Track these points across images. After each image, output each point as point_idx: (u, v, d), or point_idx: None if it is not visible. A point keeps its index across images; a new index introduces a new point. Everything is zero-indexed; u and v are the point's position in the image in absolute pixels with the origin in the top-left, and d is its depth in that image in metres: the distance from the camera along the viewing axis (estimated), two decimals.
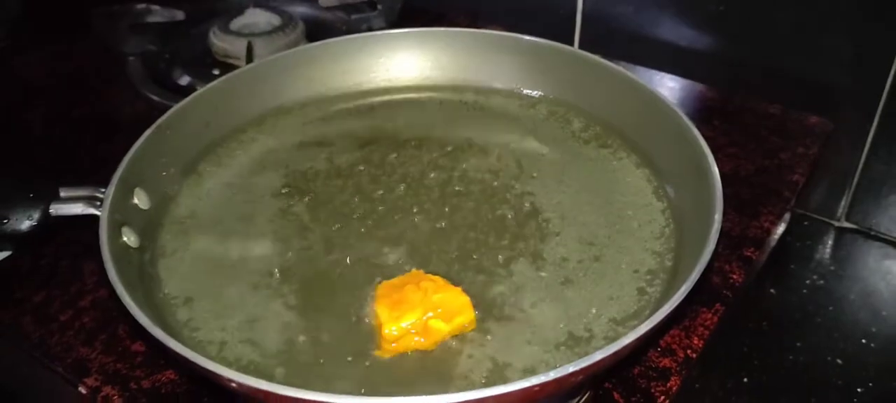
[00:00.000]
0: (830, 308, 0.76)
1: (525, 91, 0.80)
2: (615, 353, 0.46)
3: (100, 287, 0.71)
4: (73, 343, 0.66)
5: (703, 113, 0.88)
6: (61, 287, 0.71)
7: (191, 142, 0.72)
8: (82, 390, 0.62)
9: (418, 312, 0.55)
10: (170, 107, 0.70)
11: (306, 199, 0.69)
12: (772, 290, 0.78)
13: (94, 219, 0.58)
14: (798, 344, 0.72)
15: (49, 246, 0.75)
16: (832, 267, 0.82)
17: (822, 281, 0.79)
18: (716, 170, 0.58)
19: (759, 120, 0.87)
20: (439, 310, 0.55)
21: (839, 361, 0.70)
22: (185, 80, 0.98)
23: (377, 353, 0.54)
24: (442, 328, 0.55)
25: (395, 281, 0.59)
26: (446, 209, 0.66)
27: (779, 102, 0.88)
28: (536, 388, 0.44)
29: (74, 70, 1.08)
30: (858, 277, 0.81)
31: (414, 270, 0.60)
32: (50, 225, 0.62)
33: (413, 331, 0.55)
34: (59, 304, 0.70)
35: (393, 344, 0.55)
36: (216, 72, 0.96)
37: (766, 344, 0.72)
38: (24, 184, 0.62)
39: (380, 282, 0.59)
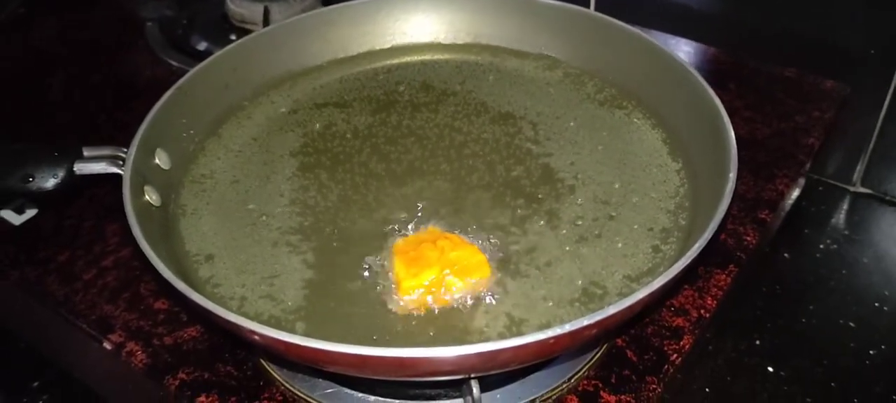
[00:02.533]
0: (844, 272, 0.76)
1: (540, 53, 0.80)
2: (629, 308, 0.46)
3: (122, 247, 0.72)
4: (97, 301, 0.67)
5: (718, 76, 0.88)
6: (85, 247, 0.73)
7: (210, 103, 0.73)
8: (107, 346, 0.64)
9: (435, 270, 0.56)
10: (187, 71, 0.71)
11: (324, 159, 0.70)
12: (786, 254, 0.78)
13: (117, 179, 0.59)
14: (811, 308, 0.72)
15: (72, 207, 0.77)
16: (846, 232, 0.82)
17: (835, 246, 0.79)
18: (730, 128, 0.58)
19: (775, 83, 0.86)
20: (455, 268, 0.56)
21: (852, 324, 0.71)
22: (202, 46, 0.99)
23: (395, 309, 0.56)
24: (458, 285, 0.56)
25: (411, 238, 0.60)
26: (462, 170, 0.67)
27: (794, 66, 0.88)
28: (551, 341, 0.45)
29: (92, 36, 1.09)
30: (872, 242, 0.81)
31: (431, 228, 0.61)
32: (74, 184, 0.63)
33: (431, 288, 0.56)
34: (83, 263, 0.71)
35: (410, 300, 0.56)
36: (233, 37, 0.97)
37: (779, 308, 0.72)
38: (49, 143, 0.63)
39: (398, 240, 0.60)
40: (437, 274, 0.56)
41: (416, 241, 0.59)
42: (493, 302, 0.55)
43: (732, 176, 0.54)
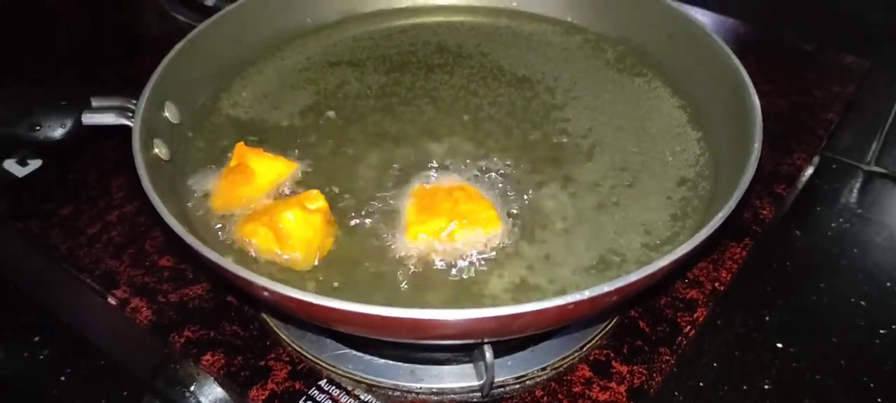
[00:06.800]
0: (855, 251, 0.76)
1: (559, 18, 0.79)
2: (651, 275, 0.46)
3: (127, 202, 0.71)
4: (102, 256, 0.66)
5: (738, 48, 0.85)
6: (89, 201, 0.72)
7: (221, 58, 0.72)
8: (111, 301, 0.63)
9: (443, 219, 0.56)
10: (197, 26, 0.70)
11: (336, 116, 0.68)
12: (797, 232, 0.77)
13: (125, 132, 0.58)
14: (821, 285, 0.72)
15: (77, 160, 0.75)
16: (859, 211, 0.81)
17: (848, 224, 0.79)
18: (756, 97, 0.57)
19: (794, 57, 0.85)
20: (465, 220, 0.56)
21: (862, 303, 0.70)
22: (211, 1, 0.97)
23: (401, 254, 0.55)
24: (466, 236, 0.55)
25: (433, 187, 0.60)
26: (478, 132, 0.66)
27: (814, 40, 0.86)
28: (571, 307, 0.44)
29: None
30: (885, 222, 0.80)
31: (453, 178, 0.60)
32: (80, 136, 0.62)
33: (440, 234, 0.56)
34: (88, 217, 0.70)
35: (414, 246, 0.55)
36: None
37: (790, 285, 0.72)
38: (57, 92, 0.62)
39: (417, 185, 0.60)
40: (446, 223, 0.56)
41: (435, 190, 0.59)
42: (509, 266, 0.54)
43: (757, 146, 0.53)
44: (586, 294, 0.44)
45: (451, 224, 0.55)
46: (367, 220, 0.58)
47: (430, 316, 0.44)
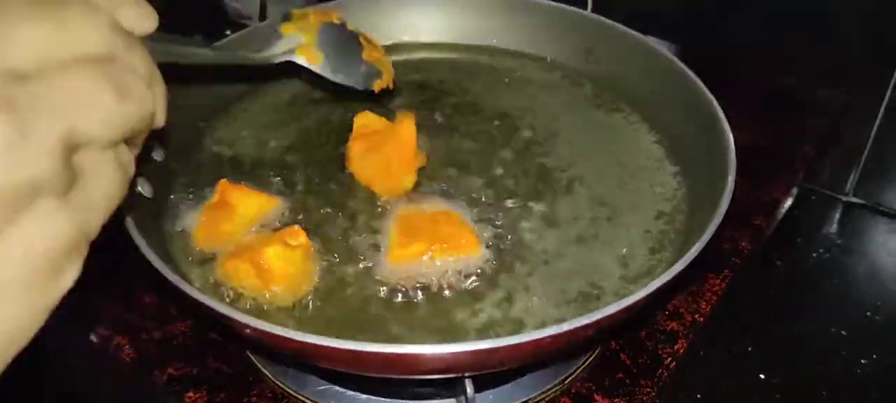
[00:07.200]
0: (836, 281, 0.76)
1: (539, 54, 0.80)
2: (627, 308, 0.46)
3: (111, 237, 0.71)
4: (84, 293, 0.66)
5: (715, 82, 0.88)
6: None
7: (205, 96, 0.72)
8: (94, 339, 0.63)
9: (424, 244, 0.57)
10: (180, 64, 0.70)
11: (319, 151, 0.69)
12: (778, 262, 0.78)
13: None
14: (803, 316, 0.72)
15: None
16: (839, 242, 0.82)
17: (828, 255, 0.79)
18: (729, 132, 0.59)
19: (771, 91, 0.87)
20: (445, 245, 0.57)
21: (844, 333, 0.71)
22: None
23: (383, 278, 0.56)
24: (446, 259, 0.56)
25: (415, 210, 0.61)
26: (459, 168, 0.67)
27: (791, 75, 0.88)
28: (548, 340, 0.45)
29: None
30: (865, 252, 0.81)
31: (435, 202, 0.61)
32: None
33: (421, 259, 0.57)
34: None
35: (397, 268, 0.57)
36: (228, 32, 0.96)
37: (772, 316, 0.72)
38: None
39: (401, 208, 0.61)
40: (426, 247, 0.57)
41: (419, 214, 0.60)
42: (488, 299, 0.55)
43: (730, 180, 0.54)
44: (564, 327, 0.45)
45: (431, 247, 0.56)
46: (349, 252, 0.58)
47: (408, 351, 0.44)
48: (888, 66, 0.80)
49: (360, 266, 0.57)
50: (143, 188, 0.61)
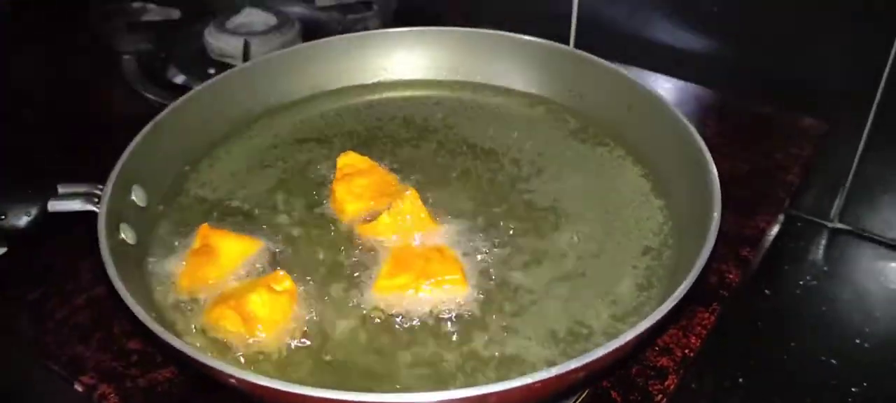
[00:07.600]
0: (824, 308, 0.77)
1: (522, 90, 0.80)
2: (618, 349, 0.46)
3: (95, 285, 0.70)
4: (69, 341, 0.65)
5: (698, 114, 0.88)
6: (56, 285, 0.71)
7: (189, 139, 0.72)
8: (78, 387, 0.62)
9: (410, 278, 0.57)
10: (166, 105, 0.70)
11: (303, 193, 0.69)
12: (766, 291, 0.78)
13: (92, 217, 0.58)
14: (792, 345, 0.72)
15: (44, 245, 0.75)
16: (825, 268, 0.82)
17: (815, 282, 0.80)
18: (713, 167, 0.59)
19: (754, 121, 0.87)
20: (432, 281, 0.57)
21: (833, 361, 0.71)
22: (180, 79, 0.98)
23: (368, 310, 0.56)
24: (431, 293, 0.57)
25: (410, 247, 0.61)
26: (445, 206, 0.66)
27: (773, 104, 0.88)
28: (538, 385, 0.44)
29: (69, 69, 1.07)
30: (851, 278, 0.81)
31: (439, 244, 0.61)
32: (47, 222, 0.62)
33: (406, 291, 0.57)
34: (55, 302, 0.69)
35: (382, 299, 0.57)
36: (212, 71, 0.96)
37: (761, 345, 0.72)
38: (22, 180, 0.62)
39: (396, 245, 0.61)
40: (412, 281, 0.57)
41: (411, 249, 0.60)
42: (476, 341, 0.54)
43: (716, 215, 0.54)
44: (553, 371, 0.44)
45: (416, 281, 0.57)
46: (335, 294, 0.58)
47: (397, 401, 0.43)
48: (870, 91, 0.80)
49: (348, 305, 0.57)
50: (126, 234, 0.60)
